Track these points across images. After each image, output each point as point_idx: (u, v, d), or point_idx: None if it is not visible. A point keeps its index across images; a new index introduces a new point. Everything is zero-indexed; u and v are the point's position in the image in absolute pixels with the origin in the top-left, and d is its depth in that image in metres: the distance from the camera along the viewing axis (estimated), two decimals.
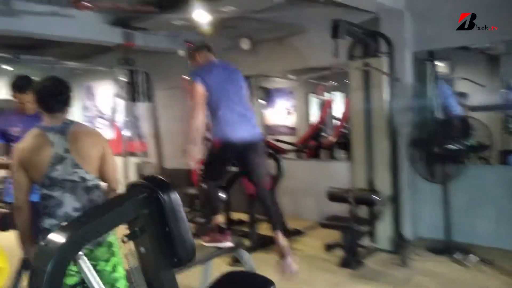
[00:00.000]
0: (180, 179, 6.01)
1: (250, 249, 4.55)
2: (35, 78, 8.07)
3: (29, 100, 2.99)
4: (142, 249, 1.44)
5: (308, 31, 5.77)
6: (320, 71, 6.53)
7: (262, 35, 6.16)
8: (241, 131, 3.19)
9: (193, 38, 6.31)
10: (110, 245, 2.21)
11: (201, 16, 5.01)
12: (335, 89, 7.65)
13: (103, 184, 2.30)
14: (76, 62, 7.34)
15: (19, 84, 3.08)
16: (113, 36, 5.76)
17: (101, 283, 1.29)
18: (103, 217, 1.31)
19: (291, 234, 5.09)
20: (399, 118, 4.66)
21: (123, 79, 6.35)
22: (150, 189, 1.39)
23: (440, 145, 4.31)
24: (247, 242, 4.71)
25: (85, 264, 1.26)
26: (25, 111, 3.08)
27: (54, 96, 2.22)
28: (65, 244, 1.19)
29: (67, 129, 2.20)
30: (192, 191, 4.92)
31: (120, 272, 2.23)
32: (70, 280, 2.18)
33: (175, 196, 1.41)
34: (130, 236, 1.41)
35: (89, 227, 1.27)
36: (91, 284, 1.28)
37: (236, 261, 3.95)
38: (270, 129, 8.39)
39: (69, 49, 7.01)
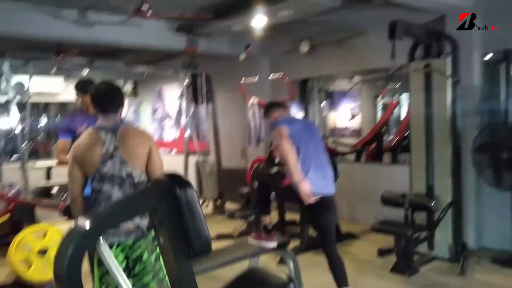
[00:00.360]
0: (236, 178, 6.19)
1: (300, 250, 4.59)
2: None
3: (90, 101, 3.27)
4: (162, 240, 1.54)
5: (368, 33, 5.64)
6: (382, 73, 6.34)
7: (321, 38, 6.14)
8: (314, 186, 3.08)
9: (253, 42, 6.49)
10: (154, 238, 2.28)
11: (260, 21, 5.12)
12: (402, 91, 7.41)
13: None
14: (144, 67, 7.82)
15: (81, 86, 3.36)
16: (177, 42, 6.08)
17: (119, 267, 1.40)
18: (123, 208, 1.43)
19: (344, 237, 5.03)
20: (464, 122, 4.41)
21: (187, 82, 6.65)
22: (169, 185, 1.49)
23: (510, 150, 4.02)
24: (297, 243, 4.75)
25: (105, 250, 1.38)
26: (88, 111, 3.34)
27: (107, 99, 2.42)
28: (87, 230, 1.32)
29: (117, 129, 2.38)
30: (246, 190, 5.03)
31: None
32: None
33: (192, 192, 1.49)
34: (150, 227, 1.52)
35: (109, 216, 1.40)
36: (111, 269, 1.40)
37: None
38: (333, 132, 8.32)
39: (139, 55, 7.51)
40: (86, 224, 1.34)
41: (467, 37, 4.46)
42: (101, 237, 1.36)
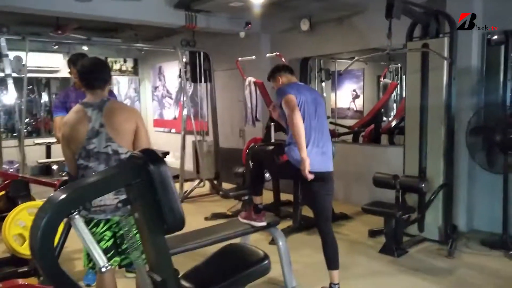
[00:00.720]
0: (233, 158, 6.22)
1: (293, 230, 4.65)
2: (108, 57, 8.68)
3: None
4: (136, 215, 1.57)
5: (369, 10, 5.57)
6: (382, 52, 6.27)
7: (322, 16, 6.07)
8: (313, 163, 3.00)
9: (254, 20, 6.42)
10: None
11: None
12: (403, 72, 7.33)
13: None
14: (143, 44, 7.78)
15: (74, 60, 3.35)
16: (176, 18, 6.03)
17: (93, 240, 1.44)
18: (97, 182, 1.45)
19: (337, 218, 5.08)
20: (459, 104, 4.38)
21: (186, 60, 6.62)
22: (143, 160, 1.51)
23: (504, 133, 4.00)
24: (291, 223, 4.81)
25: (79, 224, 1.41)
26: (81, 87, 3.33)
27: (93, 75, 2.41)
28: (60, 203, 1.35)
29: (103, 106, 2.37)
30: (241, 170, 5.07)
31: None
32: (104, 245, 2.41)
33: (165, 169, 1.51)
34: (124, 202, 1.55)
35: (84, 190, 1.43)
36: (85, 242, 1.43)
37: None
38: (334, 112, 8.28)
39: (138, 32, 7.46)
40: (60, 197, 1.37)
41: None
42: (75, 210, 1.40)
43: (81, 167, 2.38)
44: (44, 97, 9.16)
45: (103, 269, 1.44)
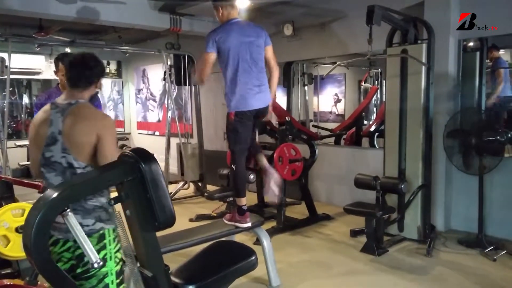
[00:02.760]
0: (217, 161, 6.27)
1: (277, 230, 4.72)
2: None
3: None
4: (128, 212, 1.63)
5: (350, 17, 5.71)
6: (362, 57, 6.43)
7: (304, 21, 6.19)
8: (251, 102, 3.20)
9: None
10: (101, 236, 2.00)
11: (242, 2, 5.13)
12: (384, 76, 7.50)
13: None
14: (128, 47, 7.78)
15: (61, 57, 3.36)
16: (161, 21, 6.06)
17: (87, 239, 1.48)
18: (89, 180, 1.50)
19: (320, 219, 5.18)
20: (437, 108, 4.54)
21: (170, 63, 6.66)
22: (134, 159, 1.57)
23: (479, 136, 4.16)
24: (275, 224, 4.89)
25: (72, 220, 1.46)
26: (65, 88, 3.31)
27: (80, 70, 2.10)
28: (53, 201, 1.40)
29: (67, 110, 2.02)
30: (226, 171, 5.12)
31: (110, 267, 1.97)
32: (62, 266, 2.06)
33: (156, 167, 1.58)
34: (116, 200, 1.60)
35: (76, 188, 1.48)
36: (78, 238, 1.48)
37: None
38: (316, 116, 8.41)
39: (122, 35, 7.45)
40: (53, 195, 1.42)
41: (444, 24, 4.57)
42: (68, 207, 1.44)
43: (42, 176, 2.08)
44: (25, 99, 9.06)
45: (95, 265, 1.49)
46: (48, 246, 1.48)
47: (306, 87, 7.93)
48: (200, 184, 6.76)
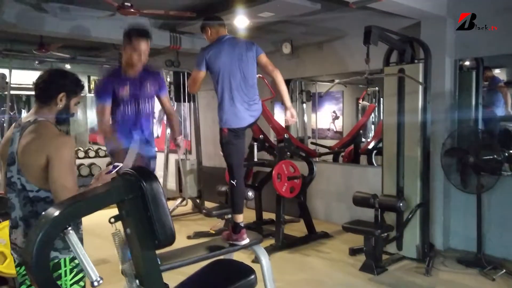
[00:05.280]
0: (216, 177, 6.27)
1: (275, 248, 4.70)
2: (92, 76, 8.69)
3: None
4: (128, 231, 1.63)
5: (348, 36, 5.80)
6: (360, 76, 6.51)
7: (303, 40, 6.27)
8: (242, 119, 3.18)
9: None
10: (55, 266, 1.90)
11: (242, 22, 5.21)
12: (381, 95, 7.57)
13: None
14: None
15: None
16: (160, 39, 6.13)
17: (87, 256, 1.48)
18: (91, 198, 1.51)
19: (318, 236, 5.16)
20: (434, 127, 4.57)
21: (170, 80, 6.71)
22: (135, 177, 1.58)
23: (476, 155, 4.19)
24: (273, 242, 4.87)
25: (73, 238, 1.45)
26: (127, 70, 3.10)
27: (38, 83, 2.00)
28: (54, 219, 1.40)
29: (25, 128, 1.93)
30: (224, 188, 5.12)
31: None
32: None
33: (157, 185, 1.58)
34: (116, 218, 1.60)
35: (78, 205, 1.48)
36: (79, 256, 1.48)
37: None
38: (315, 133, 8.45)
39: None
40: (55, 213, 1.42)
41: (440, 44, 4.64)
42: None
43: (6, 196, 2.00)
44: (24, 114, 9.08)
45: (95, 283, 1.48)
46: (49, 264, 1.48)
47: (304, 105, 7.99)
48: (198, 200, 6.74)
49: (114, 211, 1.63)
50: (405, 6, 4.27)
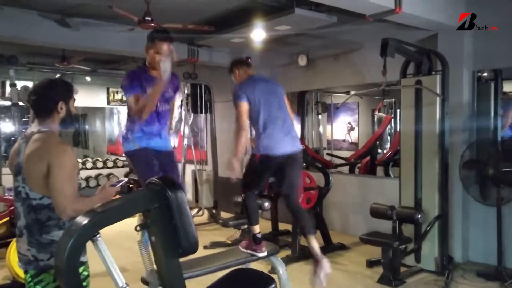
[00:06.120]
0: (232, 188, 6.30)
1: (291, 259, 4.69)
2: (110, 88, 8.84)
3: None
4: (153, 239, 1.67)
5: (365, 48, 5.82)
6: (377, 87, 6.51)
7: (319, 52, 6.32)
8: (283, 146, 3.29)
9: (253, 54, 6.67)
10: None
11: (259, 35, 5.30)
12: (397, 106, 7.56)
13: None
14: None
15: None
16: (178, 52, 6.21)
17: (114, 263, 1.53)
18: (118, 206, 1.56)
19: (335, 248, 5.14)
20: (452, 138, 4.55)
21: (187, 92, 6.82)
22: (161, 186, 1.63)
23: (496, 167, 4.15)
24: (289, 253, 4.86)
25: (101, 245, 1.51)
26: (152, 70, 3.17)
27: (33, 99, 2.05)
28: (84, 226, 1.45)
29: (29, 139, 2.00)
30: (240, 199, 5.15)
31: None
32: None
33: (181, 195, 1.63)
34: (142, 226, 1.65)
35: (105, 214, 1.53)
36: (106, 263, 1.53)
37: None
38: (330, 144, 8.46)
39: (141, 64, 7.68)
40: (84, 221, 1.48)
41: (458, 55, 4.64)
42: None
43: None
44: None
45: None
46: (78, 270, 1.53)
47: (319, 116, 8.01)
48: (214, 211, 6.78)
49: (128, 221, 1.65)
50: (422, 18, 4.30)
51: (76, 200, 1.91)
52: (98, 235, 1.50)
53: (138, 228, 1.65)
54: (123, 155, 3.74)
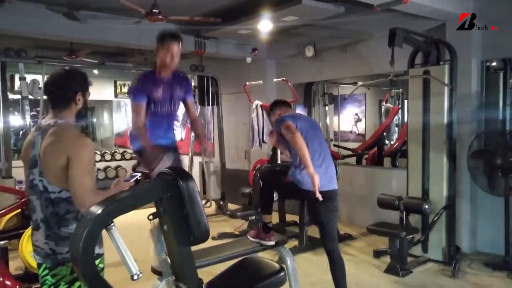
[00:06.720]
0: (239, 179, 6.36)
1: (299, 250, 4.73)
2: (118, 81, 8.88)
3: None
4: (165, 227, 1.71)
5: (372, 38, 5.80)
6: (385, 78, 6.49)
7: (326, 43, 6.30)
8: (320, 183, 3.11)
9: (260, 46, 6.66)
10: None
11: (266, 26, 5.29)
12: (405, 97, 7.53)
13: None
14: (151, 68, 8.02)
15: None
16: (185, 44, 6.24)
17: (128, 251, 1.56)
18: (131, 195, 1.59)
19: (342, 238, 5.16)
20: (460, 128, 4.54)
21: (194, 84, 6.84)
22: (172, 176, 1.66)
23: (504, 157, 4.14)
24: (297, 243, 4.90)
25: (115, 234, 1.54)
26: (162, 73, 3.24)
27: (51, 90, 2.04)
28: (98, 216, 1.49)
29: (46, 131, 1.96)
30: (248, 190, 5.19)
31: None
32: None
33: (193, 184, 1.66)
34: (154, 215, 1.68)
35: (119, 203, 1.57)
36: (120, 251, 1.56)
37: None
38: (337, 135, 8.46)
39: (148, 56, 7.70)
40: (99, 210, 1.51)
41: (466, 45, 4.61)
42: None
43: (28, 198, 2.05)
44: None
45: (135, 277, 1.56)
46: (94, 258, 1.57)
47: (326, 107, 8.00)
48: (221, 202, 6.83)
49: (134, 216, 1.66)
50: (430, 8, 4.27)
51: (95, 193, 1.90)
52: (112, 224, 1.53)
53: (151, 217, 1.68)
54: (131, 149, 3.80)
